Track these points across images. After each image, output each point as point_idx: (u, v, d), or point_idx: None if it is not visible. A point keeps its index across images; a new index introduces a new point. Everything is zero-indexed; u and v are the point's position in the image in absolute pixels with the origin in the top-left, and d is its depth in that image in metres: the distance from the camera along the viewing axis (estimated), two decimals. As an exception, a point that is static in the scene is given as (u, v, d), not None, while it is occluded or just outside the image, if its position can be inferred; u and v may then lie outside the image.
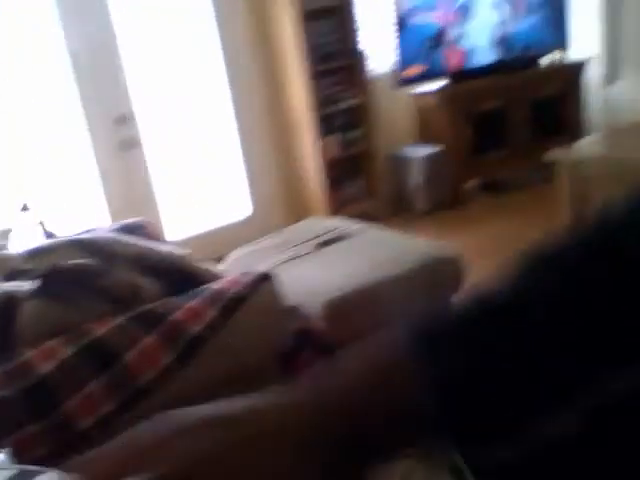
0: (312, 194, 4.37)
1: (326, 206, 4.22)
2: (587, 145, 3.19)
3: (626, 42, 4.33)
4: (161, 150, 3.95)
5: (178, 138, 4.03)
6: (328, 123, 4.29)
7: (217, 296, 1.47)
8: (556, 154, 3.08)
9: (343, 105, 4.29)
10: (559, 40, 4.63)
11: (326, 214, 4.10)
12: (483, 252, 3.51)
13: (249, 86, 4.20)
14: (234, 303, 1.44)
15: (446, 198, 4.47)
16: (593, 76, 4.55)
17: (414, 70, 4.40)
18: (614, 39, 4.25)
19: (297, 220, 3.39)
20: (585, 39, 4.61)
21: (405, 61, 4.37)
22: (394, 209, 4.61)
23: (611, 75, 4.32)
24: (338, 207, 4.25)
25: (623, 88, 4.42)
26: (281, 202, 4.44)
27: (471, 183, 4.72)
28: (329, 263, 2.39)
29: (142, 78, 3.81)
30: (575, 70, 4.61)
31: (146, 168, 3.87)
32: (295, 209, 4.42)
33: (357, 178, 4.49)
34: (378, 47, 4.52)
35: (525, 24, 4.57)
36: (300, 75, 4.06)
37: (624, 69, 4.37)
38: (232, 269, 2.16)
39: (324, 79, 4.22)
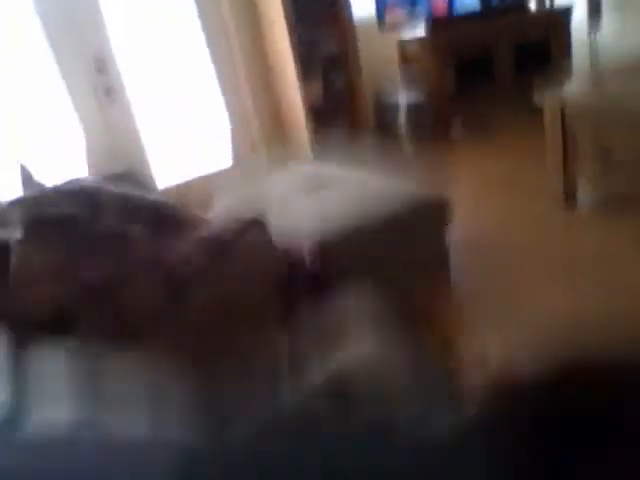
0: (295, 140, 4.32)
1: (309, 152, 4.19)
2: (572, 86, 3.17)
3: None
4: (142, 98, 3.86)
5: (158, 86, 3.93)
6: (310, 68, 4.22)
7: (206, 243, 1.47)
8: (541, 95, 3.07)
9: (325, 50, 4.21)
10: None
11: (309, 160, 4.07)
12: (471, 192, 3.53)
13: (228, 31, 4.10)
14: (224, 249, 1.45)
15: (433, 139, 4.43)
16: (577, 22, 4.49)
17: (396, 13, 4.31)
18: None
19: (282, 166, 3.36)
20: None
21: (389, 5, 4.27)
22: (381, 153, 4.57)
23: (594, 21, 4.28)
24: (322, 153, 4.21)
25: (606, 33, 4.39)
26: (265, 148, 4.39)
27: (456, 124, 4.67)
28: (316, 207, 2.39)
29: (120, 21, 3.69)
30: (561, 15, 4.55)
31: (130, 115, 3.80)
32: (279, 155, 4.37)
33: (342, 122, 4.44)
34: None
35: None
36: (281, 17, 3.96)
37: (606, 15, 4.33)
38: (221, 216, 2.15)
39: (306, 23, 4.12)
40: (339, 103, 4.37)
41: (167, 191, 3.63)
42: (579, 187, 3.13)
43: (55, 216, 1.47)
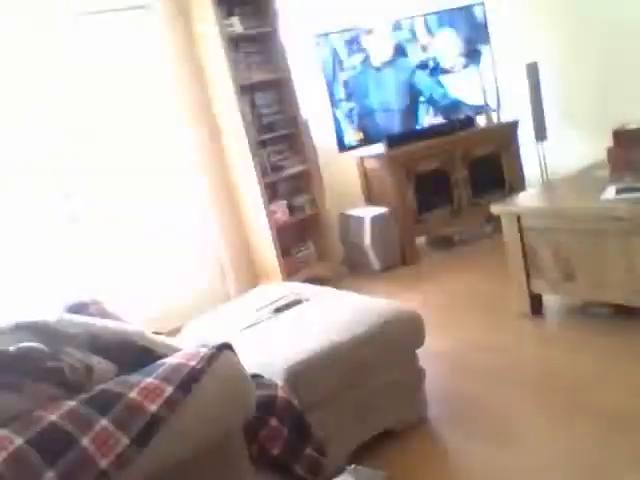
0: (263, 261, 4.36)
1: (278, 272, 4.21)
2: (526, 198, 3.32)
3: (549, 105, 4.62)
4: (108, 224, 3.89)
5: (125, 213, 3.99)
6: (274, 190, 4.36)
7: (174, 371, 1.43)
8: (497, 208, 3.19)
9: (289, 172, 4.36)
10: (492, 101, 4.89)
11: (279, 280, 4.09)
12: (438, 307, 3.56)
13: (193, 157, 4.25)
14: (192, 377, 1.41)
15: (397, 256, 4.54)
16: (525, 135, 4.79)
17: (354, 135, 4.55)
18: (540, 102, 4.52)
19: (250, 288, 3.37)
20: (516, 101, 4.88)
21: (348, 126, 4.51)
22: (348, 270, 4.64)
23: (540, 133, 4.57)
24: (290, 273, 4.25)
25: (551, 145, 4.68)
26: (234, 271, 4.41)
27: (420, 241, 4.82)
28: (287, 329, 2.37)
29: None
30: (509, 129, 4.85)
31: (96, 242, 3.81)
32: (248, 277, 4.40)
33: (308, 242, 4.53)
34: (319, 115, 4.66)
35: (460, 88, 4.81)
36: (244, 145, 4.12)
37: (550, 128, 4.64)
38: (189, 341, 2.11)
39: (268, 148, 4.30)
40: (304, 223, 4.47)
41: (135, 318, 3.56)
42: (543, 297, 3.19)
43: (17, 352, 1.42)
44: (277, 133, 4.31)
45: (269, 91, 4.33)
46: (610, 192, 2.82)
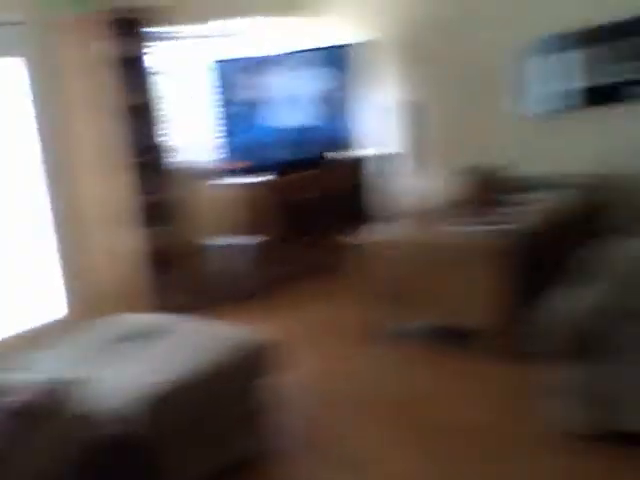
0: (124, 290, 4.21)
1: (139, 301, 4.08)
2: (376, 229, 3.47)
3: (409, 142, 4.91)
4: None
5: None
6: (140, 217, 4.24)
7: (8, 407, 1.33)
8: (353, 238, 3.32)
9: (156, 198, 4.27)
10: (356, 137, 5.11)
11: (141, 310, 3.95)
12: (294, 336, 3.61)
13: (56, 181, 4.04)
14: (22, 416, 1.31)
15: (259, 286, 4.55)
16: (386, 170, 5.04)
17: (221, 163, 4.57)
18: (401, 139, 4.79)
19: (107, 317, 3.22)
20: (377, 139, 5.14)
21: (214, 153, 4.53)
22: (210, 300, 4.58)
23: (399, 169, 4.84)
24: (152, 302, 4.13)
25: (409, 180, 4.97)
26: (96, 300, 4.20)
27: (280, 271, 4.86)
28: (144, 359, 2.29)
29: None
30: (369, 163, 5.08)
31: None
32: (110, 307, 4.21)
33: (171, 271, 4.43)
34: (188, 141, 4.63)
35: (321, 124, 5.00)
36: (109, 170, 4.01)
37: (408, 165, 4.93)
38: (36, 374, 1.97)
39: (137, 173, 4.20)
40: (169, 251, 4.37)
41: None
42: (385, 322, 3.34)
43: None
44: (147, 158, 4.21)
45: (142, 115, 4.24)
46: (459, 225, 3.03)
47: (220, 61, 4.51)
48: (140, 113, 4.22)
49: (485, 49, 4.48)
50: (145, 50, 4.16)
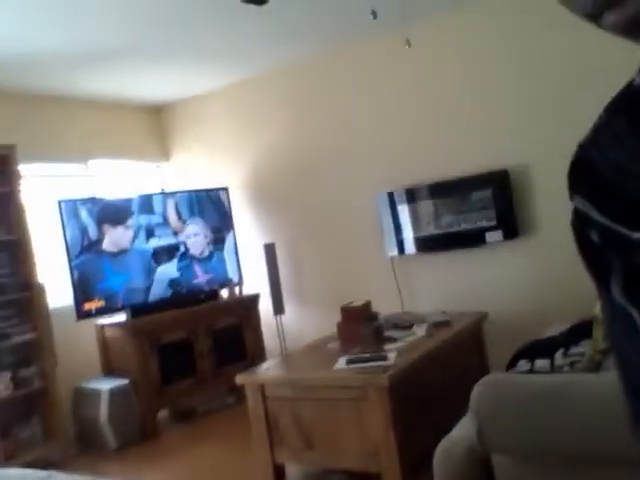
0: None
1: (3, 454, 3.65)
2: (268, 368, 3.46)
3: (285, 282, 5.08)
4: None
5: None
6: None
7: None
8: (241, 377, 3.27)
9: (17, 340, 3.97)
10: (235, 277, 5.18)
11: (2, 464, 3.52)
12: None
13: None
14: None
15: (137, 432, 4.26)
16: (264, 308, 5.11)
17: (93, 304, 4.36)
18: (277, 278, 4.94)
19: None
20: (255, 277, 5.26)
21: (84, 295, 4.31)
22: (79, 450, 4.20)
23: (277, 307, 4.93)
24: (10, 455, 3.70)
25: (288, 318, 5.07)
26: None
27: (162, 414, 4.62)
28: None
29: None
30: (250, 302, 5.14)
31: None
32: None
33: (33, 420, 4.04)
34: (57, 280, 4.43)
35: (206, 262, 5.02)
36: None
37: (287, 303, 5.06)
38: None
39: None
40: (31, 397, 4.01)
41: None
42: (286, 464, 3.25)
43: None
44: (6, 297, 3.95)
45: (1, 252, 4.03)
46: (341, 363, 3.10)
47: (68, 201, 4.31)
48: (5, 249, 4.03)
49: (343, 196, 4.88)
50: (11, 187, 4.04)
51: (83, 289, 4.32)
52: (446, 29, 4.33)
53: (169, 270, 4.80)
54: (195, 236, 5.00)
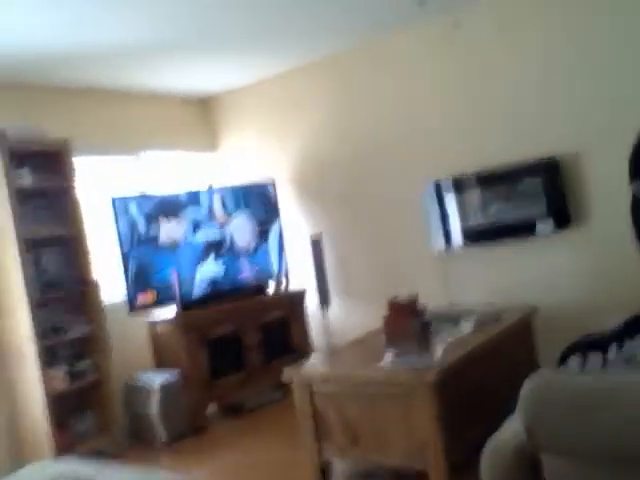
0: (36, 433, 3.89)
1: (53, 446, 3.77)
2: (315, 363, 3.47)
3: (331, 275, 5.06)
4: None
5: None
6: (54, 354, 4.02)
7: None
8: (288, 373, 3.28)
9: (73, 335, 4.08)
10: (281, 270, 5.20)
11: (53, 456, 3.65)
12: (229, 478, 3.42)
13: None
14: None
15: (187, 426, 4.34)
16: (311, 302, 5.12)
17: (147, 297, 4.46)
18: (323, 272, 4.93)
19: (20, 464, 2.95)
20: (301, 273, 5.27)
21: (137, 289, 4.41)
22: (132, 443, 4.31)
23: (324, 301, 4.93)
24: (67, 447, 3.83)
25: (334, 312, 5.06)
26: (1, 443, 3.86)
27: (211, 408, 4.70)
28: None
29: None
30: (297, 297, 5.15)
31: None
32: (18, 451, 3.87)
33: (88, 413, 4.16)
34: (110, 276, 4.54)
35: (253, 257, 5.06)
36: (23, 303, 3.82)
37: (333, 296, 5.05)
38: None
39: (51, 308, 4.03)
40: (85, 391, 4.13)
41: None
42: (332, 463, 3.25)
43: None
44: (62, 292, 4.07)
45: (57, 248, 4.15)
46: (388, 359, 3.07)
47: (120, 198, 4.40)
48: (60, 245, 4.15)
49: (390, 187, 4.82)
50: (67, 182, 4.15)
51: (135, 283, 4.42)
52: (492, 14, 4.21)
53: (216, 264, 4.86)
54: (241, 229, 5.03)
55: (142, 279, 4.45)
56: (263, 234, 5.17)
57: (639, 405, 1.72)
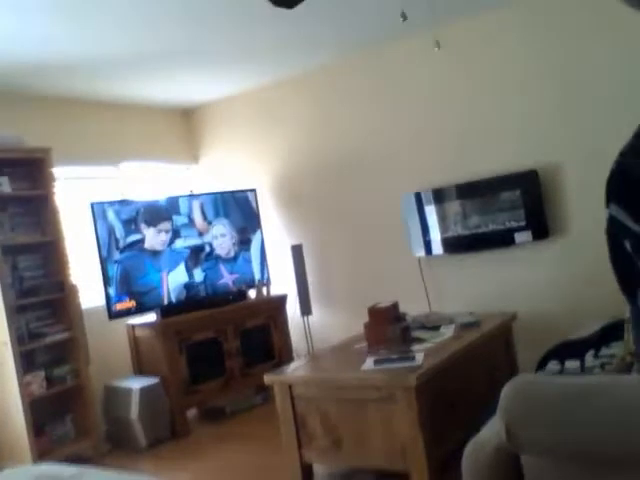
0: (12, 438, 3.84)
1: (30, 451, 3.73)
2: (296, 368, 3.48)
3: (312, 282, 5.10)
4: None
5: None
6: (32, 359, 3.99)
7: None
8: (270, 378, 3.29)
9: (50, 340, 4.05)
10: (261, 277, 5.22)
11: (32, 460, 3.61)
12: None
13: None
14: None
15: (167, 430, 4.32)
16: (292, 309, 5.14)
17: (126, 304, 4.44)
18: (304, 279, 4.97)
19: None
20: (282, 278, 5.31)
21: (117, 294, 4.39)
22: (112, 448, 4.28)
23: (305, 308, 4.96)
24: (46, 451, 3.79)
25: (315, 319, 5.09)
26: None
27: (191, 413, 4.68)
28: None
29: None
30: (278, 303, 5.17)
31: None
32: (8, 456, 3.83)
33: (67, 417, 4.13)
34: (89, 281, 4.52)
35: (232, 263, 5.07)
36: (0, 309, 3.78)
37: (314, 303, 5.08)
38: None
39: (28, 313, 4.00)
40: (64, 395, 4.09)
41: None
42: (314, 464, 3.27)
43: None
44: (40, 298, 4.04)
45: (35, 254, 4.13)
46: (369, 363, 3.10)
47: (99, 203, 4.38)
48: (38, 251, 4.12)
49: (371, 197, 4.88)
50: (45, 189, 4.13)
51: (115, 288, 4.40)
52: (475, 30, 4.31)
53: (196, 271, 4.86)
54: (221, 237, 5.05)
55: (122, 285, 4.43)
56: (244, 242, 5.18)
57: (617, 406, 1.77)
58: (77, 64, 4.07)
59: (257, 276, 5.21)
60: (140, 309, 4.52)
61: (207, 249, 4.95)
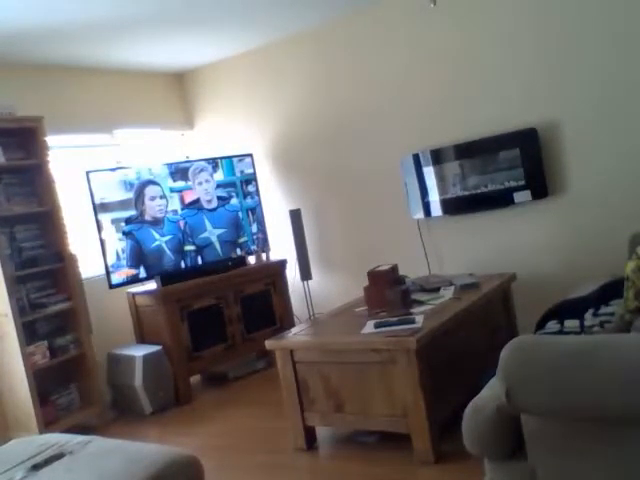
0: (18, 409, 3.88)
1: (34, 423, 3.77)
2: (297, 333, 3.49)
3: (311, 247, 5.08)
4: None
5: None
6: (34, 330, 4.00)
7: None
8: (271, 343, 3.31)
9: (51, 310, 4.06)
10: (263, 243, 5.20)
11: (36, 431, 3.65)
12: (216, 449, 3.45)
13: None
14: None
15: (171, 397, 4.37)
16: (292, 274, 5.14)
17: (126, 272, 4.44)
18: (303, 244, 4.95)
19: (5, 439, 2.96)
20: (281, 243, 5.29)
21: (116, 263, 4.39)
22: (117, 415, 4.33)
23: (304, 273, 4.95)
24: (52, 421, 3.84)
25: (315, 283, 5.09)
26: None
27: (195, 379, 4.73)
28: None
29: None
30: (277, 268, 5.16)
31: None
32: (2, 427, 3.87)
33: (71, 387, 4.17)
34: (89, 250, 4.51)
35: (234, 229, 5.04)
36: (0, 281, 3.78)
37: (314, 268, 5.07)
38: None
39: (28, 284, 4.00)
40: (67, 365, 4.13)
41: None
42: (316, 429, 3.31)
43: None
44: (40, 268, 4.03)
45: (32, 224, 4.11)
46: (369, 327, 3.11)
47: (94, 171, 4.36)
48: (35, 221, 4.10)
49: (369, 159, 4.83)
50: (40, 159, 4.09)
51: (115, 258, 4.39)
52: (470, -16, 4.20)
53: (194, 238, 4.85)
54: (206, 183, 4.94)
55: (122, 255, 4.43)
56: (240, 206, 5.15)
57: (617, 364, 1.77)
58: (67, 29, 3.97)
59: (257, 241, 5.18)
60: (140, 277, 4.52)
61: (205, 213, 4.90)
